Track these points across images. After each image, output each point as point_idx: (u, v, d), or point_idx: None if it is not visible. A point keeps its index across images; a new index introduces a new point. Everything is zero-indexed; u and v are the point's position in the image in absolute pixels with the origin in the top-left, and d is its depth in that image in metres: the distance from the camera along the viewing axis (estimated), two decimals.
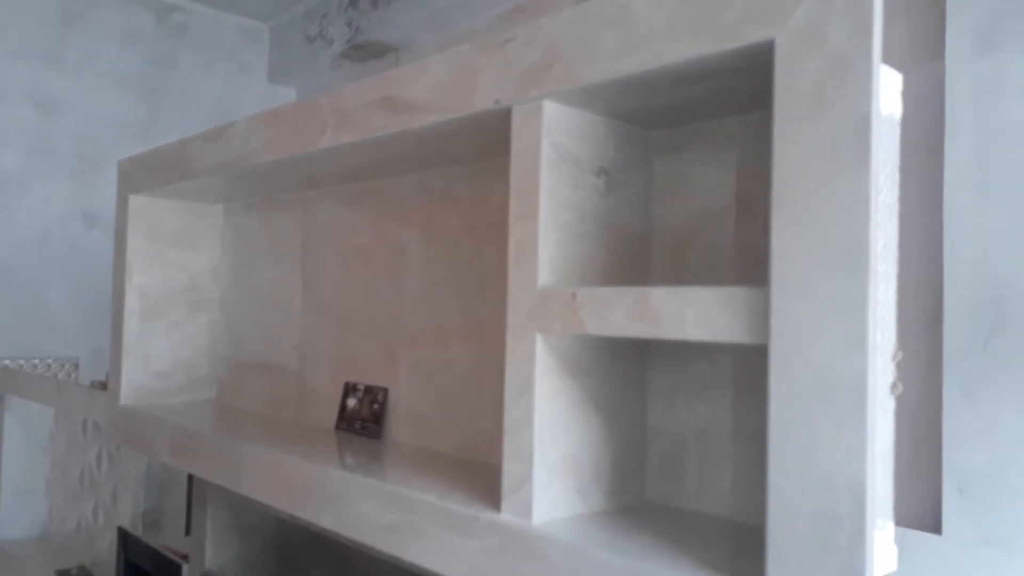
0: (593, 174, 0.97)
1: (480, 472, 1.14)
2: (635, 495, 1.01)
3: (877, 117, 0.64)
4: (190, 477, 1.93)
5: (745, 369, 0.94)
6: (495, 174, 1.23)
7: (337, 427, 1.50)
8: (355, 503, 1.10)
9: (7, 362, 2.78)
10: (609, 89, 0.86)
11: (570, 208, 0.94)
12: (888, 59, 0.71)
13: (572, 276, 0.94)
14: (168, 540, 1.86)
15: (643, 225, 1.03)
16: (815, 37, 0.67)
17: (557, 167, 0.92)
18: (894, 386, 0.82)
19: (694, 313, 0.75)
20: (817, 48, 0.67)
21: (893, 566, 0.80)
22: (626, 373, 1.00)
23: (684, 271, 1.00)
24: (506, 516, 0.90)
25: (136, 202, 1.72)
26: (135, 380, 1.72)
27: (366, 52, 3.88)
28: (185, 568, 1.64)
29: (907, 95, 0.83)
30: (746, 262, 0.94)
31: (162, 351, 1.77)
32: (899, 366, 0.81)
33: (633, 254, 1.02)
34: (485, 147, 1.15)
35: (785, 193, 0.68)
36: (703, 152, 0.99)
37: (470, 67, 0.97)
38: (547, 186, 0.91)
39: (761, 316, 0.70)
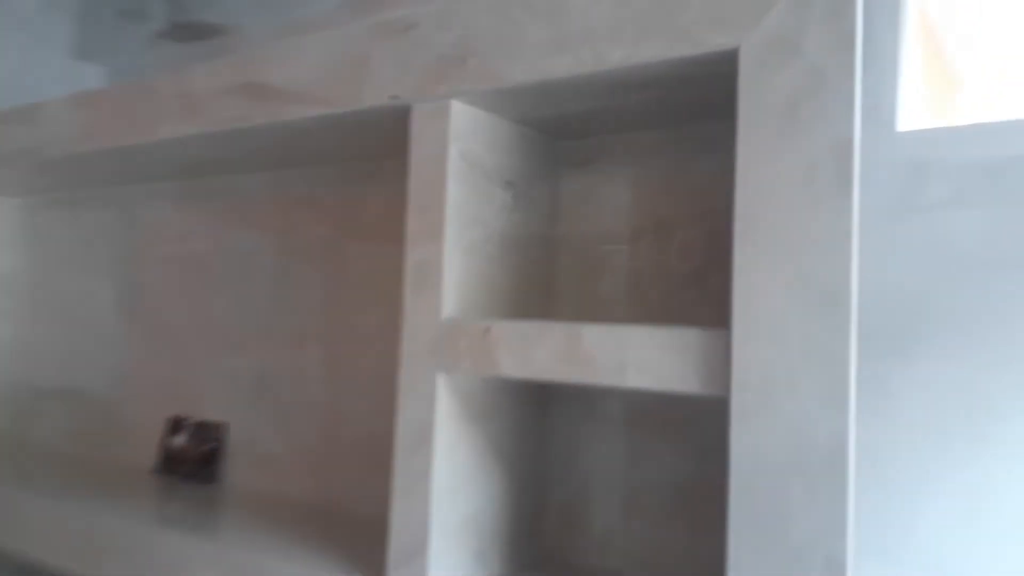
0: (500, 187, 0.85)
1: (346, 526, 0.98)
2: (535, 552, 0.89)
3: (858, 141, 0.57)
4: None
5: (660, 409, 0.85)
6: (369, 177, 1.08)
7: (158, 470, 1.27)
8: (182, 571, 0.91)
9: None
10: (534, 92, 0.74)
11: (478, 226, 0.81)
12: None
13: (478, 305, 0.81)
14: None
15: (549, 246, 0.93)
16: (788, 48, 0.59)
17: (465, 179, 0.79)
18: None
19: (636, 357, 0.65)
20: (790, 61, 0.59)
21: None
22: (528, 415, 0.88)
23: (593, 300, 0.90)
24: None
25: None
26: None
27: (190, 32, 3.53)
28: None
29: None
30: (664, 290, 0.86)
31: None
32: None
33: (538, 279, 0.91)
34: (365, 148, 0.99)
35: (751, 223, 0.60)
36: (618, 167, 0.90)
37: (360, 54, 0.82)
38: (454, 200, 0.77)
39: (719, 364, 0.61)
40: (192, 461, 1.24)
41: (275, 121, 0.89)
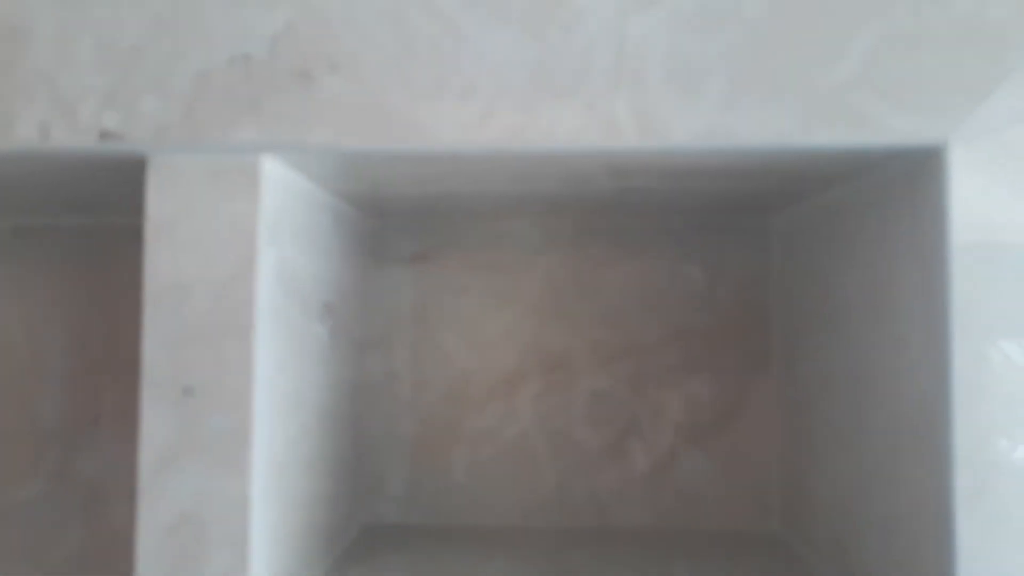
0: (317, 318, 0.44)
1: None
2: None
3: None
4: None
5: None
6: None
7: None
8: None
9: None
10: (461, 166, 0.36)
11: (297, 409, 0.40)
12: None
13: (298, 561, 0.40)
14: None
15: (363, 407, 0.54)
16: None
17: (285, 320, 0.38)
18: None
19: None
20: None
21: None
22: None
23: (440, 501, 0.54)
24: None
25: None
26: None
27: None
28: None
29: None
30: (567, 478, 0.54)
31: None
32: None
33: (344, 477, 0.51)
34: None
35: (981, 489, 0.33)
36: (479, 268, 0.55)
37: (11, 22, 0.34)
38: (267, 371, 0.36)
39: None
40: None
41: None
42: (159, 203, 0.35)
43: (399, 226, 0.55)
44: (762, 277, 0.54)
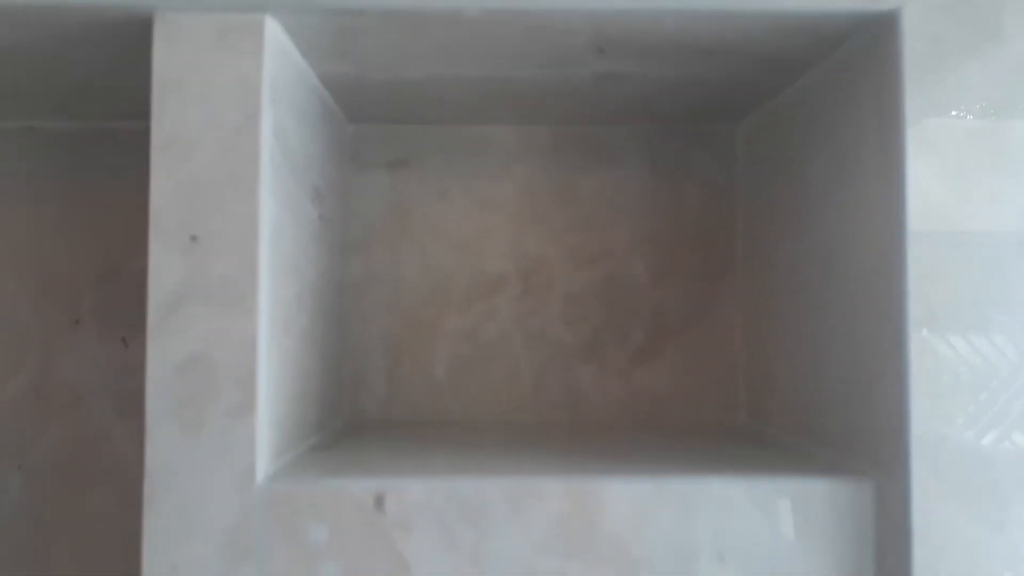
0: (309, 199, 0.46)
1: None
2: None
3: None
4: None
5: None
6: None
7: None
8: None
9: None
10: (469, 31, 0.38)
11: (295, 277, 0.42)
12: None
13: (296, 436, 0.42)
14: None
15: (353, 305, 0.56)
16: (977, 22, 0.37)
17: (282, 183, 0.39)
18: None
19: (720, 529, 0.36)
20: (985, 46, 0.37)
21: None
22: None
23: (427, 399, 0.56)
24: None
25: None
26: None
27: None
28: None
29: None
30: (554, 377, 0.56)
31: None
32: None
33: (334, 367, 0.53)
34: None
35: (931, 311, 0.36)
36: (460, 173, 0.57)
37: None
38: (271, 225, 0.37)
39: (900, 537, 0.36)
40: None
41: None
42: (165, 60, 0.36)
43: (379, 132, 0.57)
44: (728, 184, 0.58)
